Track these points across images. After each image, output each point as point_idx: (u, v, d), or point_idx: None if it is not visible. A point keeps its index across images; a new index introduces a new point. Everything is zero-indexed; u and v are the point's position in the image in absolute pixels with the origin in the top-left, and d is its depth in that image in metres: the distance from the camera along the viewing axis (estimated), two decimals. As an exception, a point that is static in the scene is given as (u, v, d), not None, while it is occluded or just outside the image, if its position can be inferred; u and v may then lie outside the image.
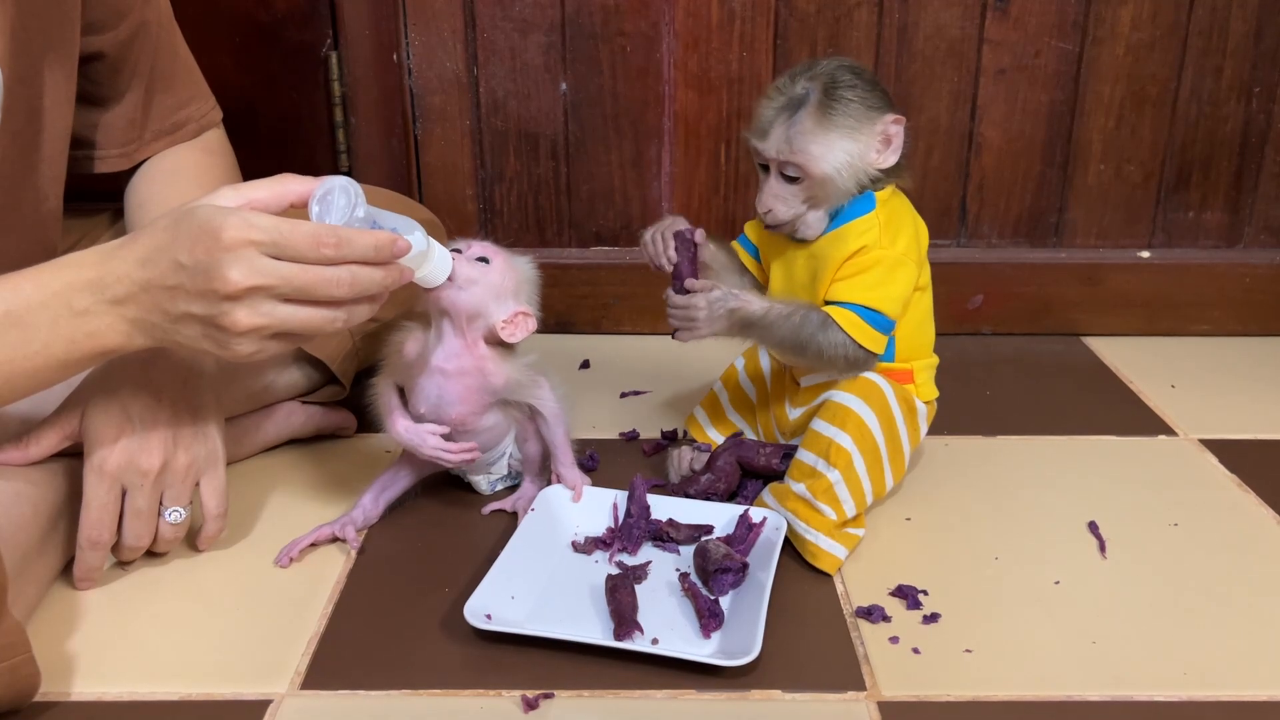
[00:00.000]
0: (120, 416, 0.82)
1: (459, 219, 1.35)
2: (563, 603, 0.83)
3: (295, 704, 0.74)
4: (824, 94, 0.86)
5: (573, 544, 0.90)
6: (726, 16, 1.29)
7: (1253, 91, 1.32)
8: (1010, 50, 1.30)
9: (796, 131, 0.86)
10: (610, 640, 0.77)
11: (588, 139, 1.34)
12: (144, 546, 0.86)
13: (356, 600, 0.85)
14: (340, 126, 1.32)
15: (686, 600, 0.83)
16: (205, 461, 0.86)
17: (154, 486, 0.83)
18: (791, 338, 0.88)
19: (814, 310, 0.88)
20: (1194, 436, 1.12)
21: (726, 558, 0.84)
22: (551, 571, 0.87)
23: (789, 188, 0.88)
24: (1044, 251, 1.39)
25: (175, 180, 1.01)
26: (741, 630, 0.78)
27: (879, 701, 0.74)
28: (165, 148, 1.03)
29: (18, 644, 0.69)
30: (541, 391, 0.93)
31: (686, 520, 0.92)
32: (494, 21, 1.29)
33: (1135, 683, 0.76)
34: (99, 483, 0.81)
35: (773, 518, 0.89)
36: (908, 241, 0.90)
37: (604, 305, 1.39)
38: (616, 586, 0.82)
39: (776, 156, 0.87)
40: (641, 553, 0.90)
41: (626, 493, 0.93)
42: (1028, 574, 0.89)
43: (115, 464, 0.81)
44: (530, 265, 0.94)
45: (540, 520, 0.91)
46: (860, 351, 0.88)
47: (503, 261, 0.92)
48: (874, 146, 0.87)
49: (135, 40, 0.99)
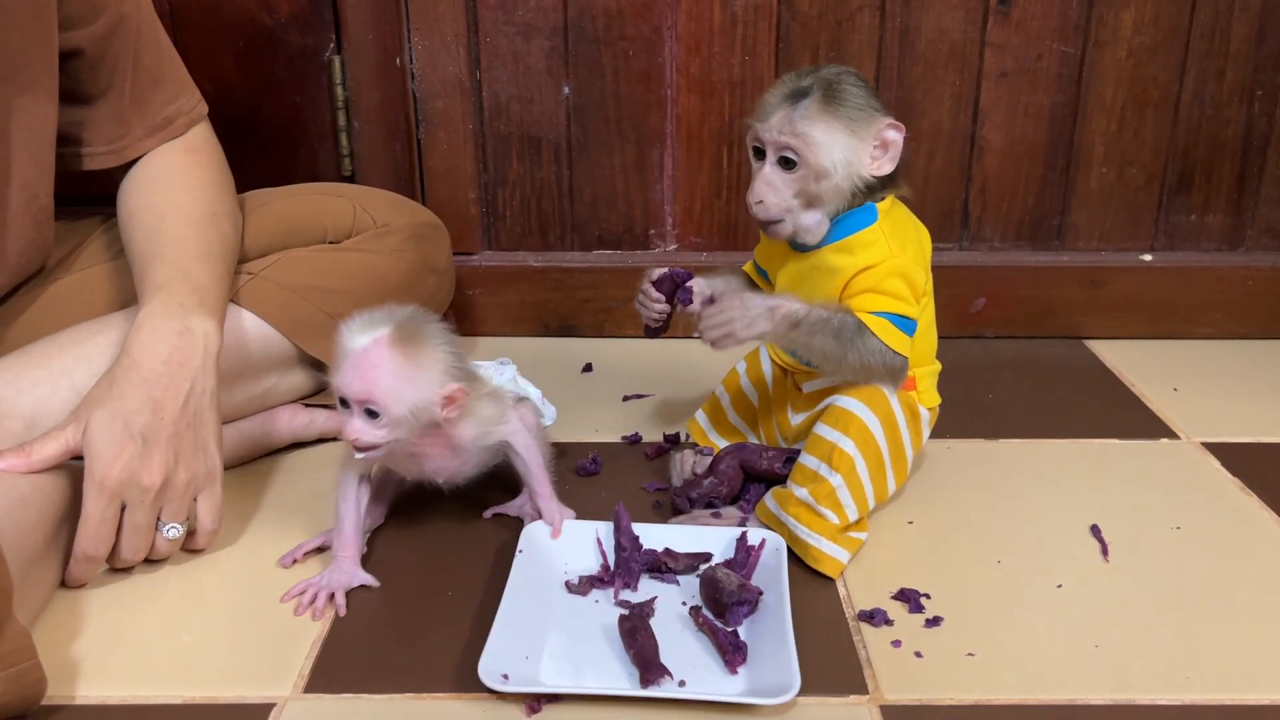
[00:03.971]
0: (123, 433, 0.82)
1: (462, 223, 1.36)
2: (576, 651, 0.79)
3: (299, 707, 0.74)
4: (829, 88, 0.87)
5: (566, 585, 0.86)
6: (729, 20, 1.29)
7: (1255, 94, 1.32)
8: (1012, 53, 1.30)
9: (800, 115, 0.86)
10: (638, 689, 0.74)
11: (590, 143, 1.34)
12: (139, 560, 0.86)
13: (359, 603, 0.85)
14: (343, 131, 1.32)
15: (702, 634, 0.80)
16: (204, 478, 0.87)
17: (153, 503, 0.84)
18: (833, 341, 0.87)
19: (848, 313, 0.88)
20: (1196, 439, 1.12)
21: (742, 589, 0.81)
22: (554, 618, 0.82)
23: (783, 176, 0.88)
24: (1046, 254, 1.39)
25: (160, 187, 1.01)
26: (768, 662, 0.76)
27: (881, 705, 0.74)
28: (158, 144, 1.03)
29: (23, 649, 0.69)
30: (509, 428, 0.90)
31: (683, 549, 0.89)
32: (496, 25, 1.29)
33: (1138, 686, 0.76)
34: (98, 498, 0.82)
35: (771, 539, 0.88)
36: (915, 249, 0.90)
37: (606, 309, 1.39)
38: (635, 629, 0.78)
39: (777, 138, 0.87)
40: (640, 586, 0.86)
41: (608, 524, 0.90)
42: (1030, 577, 0.89)
43: (116, 480, 0.82)
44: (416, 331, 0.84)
45: (530, 561, 0.86)
46: (897, 358, 0.88)
47: (397, 363, 0.81)
48: (870, 150, 0.87)
49: (114, 35, 0.99)
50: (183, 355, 0.86)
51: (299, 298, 1.03)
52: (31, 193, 0.95)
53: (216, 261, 0.96)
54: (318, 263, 1.06)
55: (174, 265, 0.93)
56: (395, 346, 0.81)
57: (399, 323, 0.82)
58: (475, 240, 1.38)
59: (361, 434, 0.82)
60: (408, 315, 0.84)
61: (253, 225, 1.08)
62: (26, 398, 0.88)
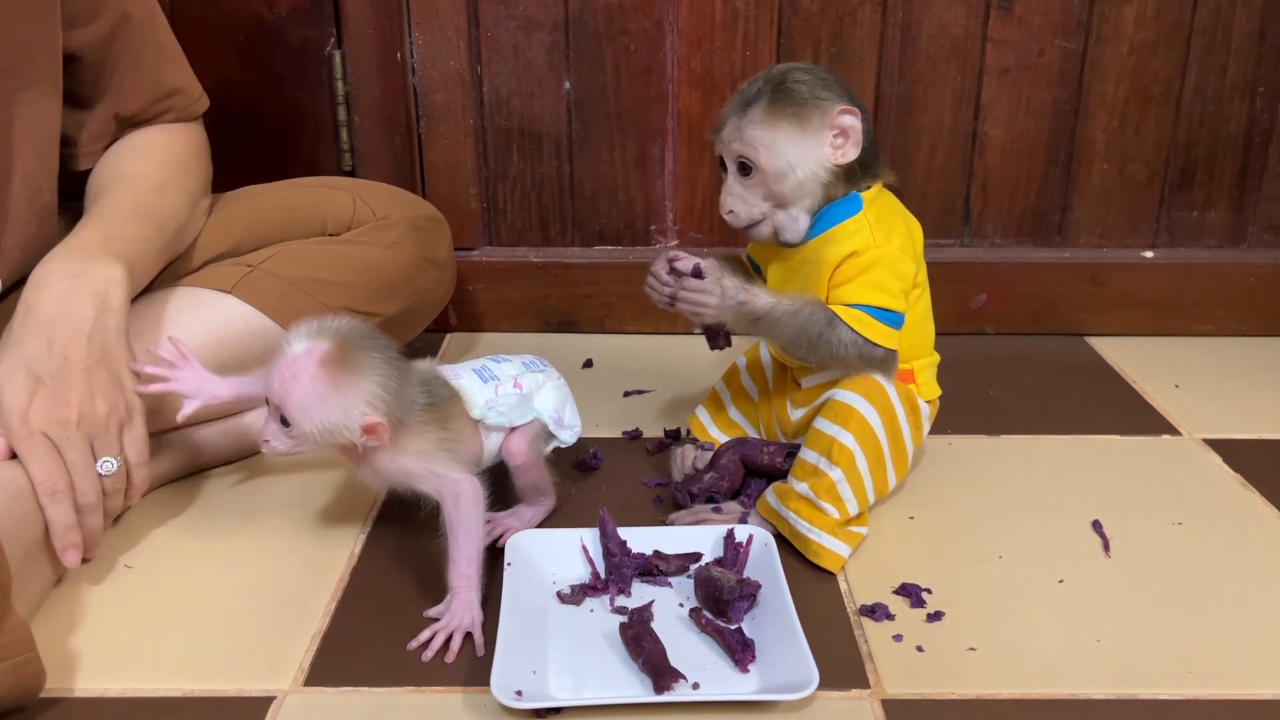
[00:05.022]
0: (30, 379, 0.82)
1: (462, 218, 1.35)
2: (580, 661, 0.77)
3: (299, 700, 0.74)
4: (776, 89, 0.88)
5: (559, 595, 0.84)
6: (730, 15, 1.29)
7: (1257, 90, 1.32)
8: (1014, 49, 1.30)
9: (747, 121, 0.88)
10: (652, 695, 0.73)
11: (591, 138, 1.34)
12: (95, 504, 0.84)
13: (360, 597, 0.85)
14: (344, 125, 1.32)
15: (706, 635, 0.80)
16: (125, 410, 0.86)
17: (80, 436, 0.83)
18: (798, 335, 0.88)
19: (820, 308, 0.88)
20: (1198, 436, 1.12)
21: (741, 584, 0.81)
22: (553, 629, 0.81)
23: (745, 182, 0.89)
24: (1047, 251, 1.39)
25: (121, 157, 1.02)
26: (777, 658, 0.75)
27: (883, 699, 0.74)
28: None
29: (22, 641, 0.69)
30: (436, 484, 0.83)
31: (670, 550, 0.88)
32: (497, 20, 1.29)
33: (1139, 681, 0.76)
34: (29, 439, 0.81)
35: (759, 534, 0.87)
36: (901, 239, 0.90)
37: (607, 304, 1.39)
38: (639, 636, 0.77)
39: (730, 147, 0.89)
40: (634, 591, 0.85)
41: (591, 530, 0.88)
42: (1031, 572, 0.89)
43: (36, 419, 0.81)
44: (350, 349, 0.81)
45: (521, 574, 0.84)
46: (876, 349, 0.88)
47: (317, 382, 0.79)
48: (827, 139, 0.87)
49: (116, 36, 0.99)
50: (76, 295, 0.85)
51: (298, 290, 1.02)
52: (34, 187, 0.95)
53: (146, 224, 0.95)
54: (317, 256, 1.06)
55: (99, 222, 0.93)
56: (322, 365, 0.79)
57: (340, 341, 0.80)
58: (476, 235, 1.38)
59: (272, 438, 0.81)
60: (354, 335, 0.81)
61: (252, 217, 1.08)
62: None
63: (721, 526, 0.89)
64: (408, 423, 0.82)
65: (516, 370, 0.92)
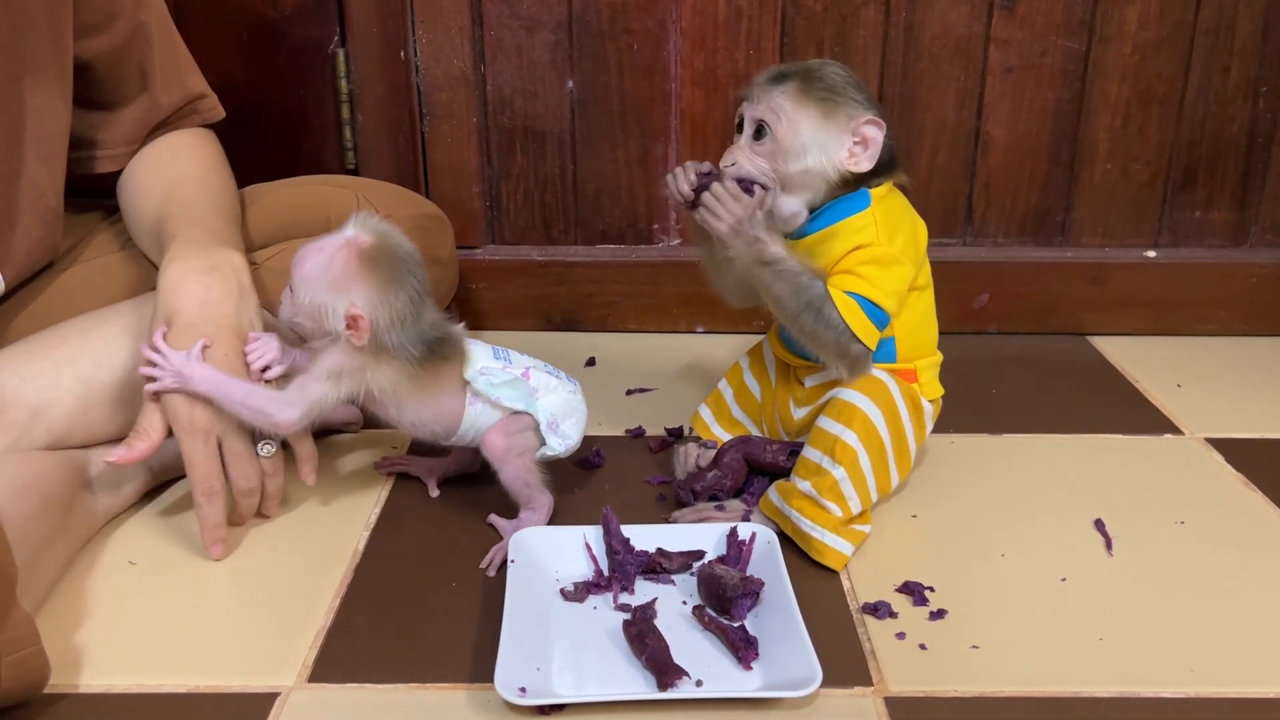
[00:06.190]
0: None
1: (465, 217, 1.36)
2: (584, 658, 0.77)
3: (303, 697, 0.74)
4: (812, 72, 0.89)
5: (562, 592, 0.84)
6: (733, 15, 1.29)
7: (1260, 91, 1.32)
8: (1017, 49, 1.30)
9: (778, 90, 0.89)
10: (656, 693, 0.73)
11: (594, 137, 1.34)
12: (255, 489, 0.90)
13: (364, 593, 0.85)
14: (347, 124, 1.32)
15: (709, 633, 0.80)
16: None
17: (242, 427, 0.87)
18: (791, 297, 0.87)
19: (821, 282, 0.88)
20: (1200, 435, 1.12)
21: (744, 582, 0.81)
22: (556, 626, 0.81)
23: (756, 146, 0.90)
24: (1050, 250, 1.39)
25: (171, 160, 1.04)
26: (780, 655, 0.75)
27: (886, 697, 0.74)
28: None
29: (27, 636, 0.69)
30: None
31: (673, 548, 0.88)
32: (501, 19, 1.29)
33: (1142, 679, 0.76)
34: (194, 439, 0.86)
35: (761, 532, 0.88)
36: (905, 240, 0.90)
37: (610, 303, 1.39)
38: (642, 633, 0.77)
39: (754, 105, 0.90)
40: (637, 588, 0.85)
41: (595, 528, 0.88)
42: (1034, 571, 0.89)
43: (202, 418, 0.86)
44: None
45: (524, 571, 0.84)
46: (854, 344, 0.87)
47: (329, 263, 0.85)
48: (847, 142, 0.88)
49: (133, 43, 1.00)
50: (219, 293, 0.88)
51: (303, 288, 1.03)
52: (40, 192, 0.96)
53: (230, 219, 0.99)
54: (322, 254, 1.07)
55: (190, 218, 0.95)
56: (347, 249, 0.84)
57: (380, 243, 0.85)
58: (478, 234, 1.38)
59: (282, 304, 0.88)
60: (396, 250, 0.86)
61: (256, 215, 1.08)
62: (30, 387, 0.88)
63: (724, 524, 0.89)
64: (394, 355, 0.86)
65: (533, 365, 0.94)
